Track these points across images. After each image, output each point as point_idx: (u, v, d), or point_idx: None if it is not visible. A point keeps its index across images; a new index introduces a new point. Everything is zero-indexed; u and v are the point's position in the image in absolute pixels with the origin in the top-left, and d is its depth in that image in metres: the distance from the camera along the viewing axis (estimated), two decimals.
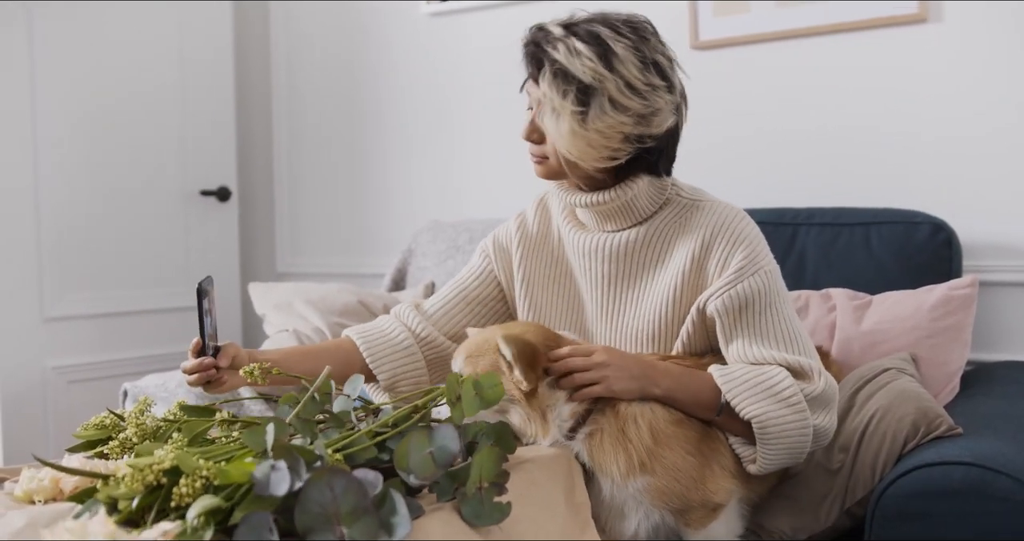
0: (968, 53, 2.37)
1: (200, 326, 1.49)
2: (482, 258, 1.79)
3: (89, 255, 3.14)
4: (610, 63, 1.47)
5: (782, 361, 1.50)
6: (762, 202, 2.54)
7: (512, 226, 1.77)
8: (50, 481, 1.21)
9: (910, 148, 2.45)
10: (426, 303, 1.78)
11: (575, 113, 1.47)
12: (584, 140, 1.49)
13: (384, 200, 3.37)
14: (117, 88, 3.19)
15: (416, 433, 1.14)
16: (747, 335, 1.53)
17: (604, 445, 1.44)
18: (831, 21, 2.51)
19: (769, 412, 1.45)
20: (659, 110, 1.50)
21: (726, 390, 1.47)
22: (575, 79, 1.47)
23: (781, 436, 1.46)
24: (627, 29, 1.51)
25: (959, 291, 2.04)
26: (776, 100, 2.62)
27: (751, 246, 1.54)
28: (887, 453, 1.55)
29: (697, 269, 1.56)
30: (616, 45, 1.48)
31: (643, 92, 1.48)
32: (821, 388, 1.49)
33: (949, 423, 1.56)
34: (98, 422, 1.46)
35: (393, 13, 3.30)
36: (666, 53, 1.55)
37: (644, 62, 1.49)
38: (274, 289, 2.77)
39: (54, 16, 3.00)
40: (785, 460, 1.49)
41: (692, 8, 2.69)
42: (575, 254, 1.67)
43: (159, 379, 2.44)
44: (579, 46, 1.47)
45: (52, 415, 3.04)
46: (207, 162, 3.46)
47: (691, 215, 1.60)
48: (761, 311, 1.52)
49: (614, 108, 1.47)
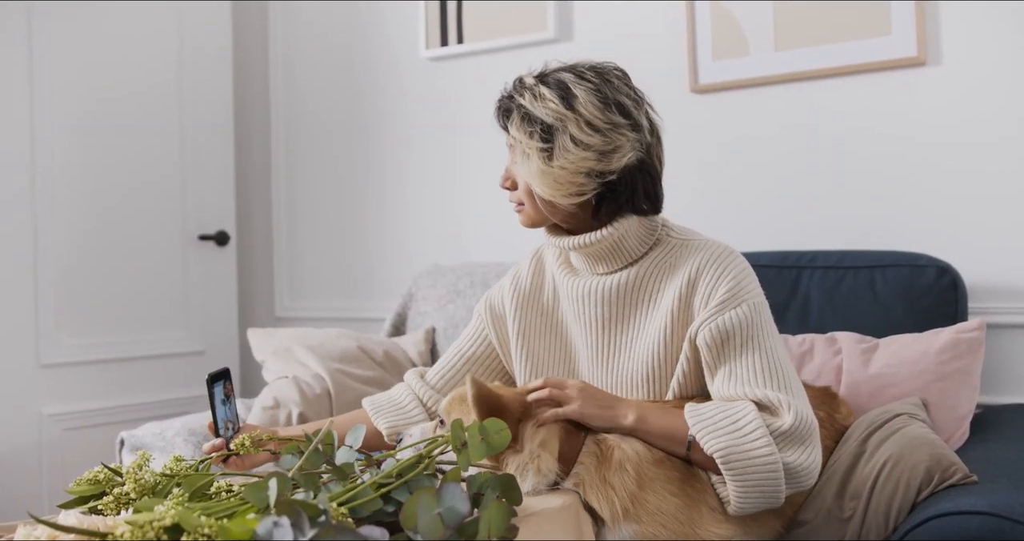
0: (968, 95, 2.38)
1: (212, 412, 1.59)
2: (477, 320, 1.86)
3: (86, 300, 3.12)
4: (571, 104, 1.56)
5: (751, 396, 1.51)
6: (765, 245, 2.53)
7: (506, 283, 1.83)
8: (46, 539, 1.17)
9: (912, 191, 2.44)
10: (429, 372, 1.86)
11: (540, 150, 1.56)
12: (551, 176, 1.56)
13: (384, 244, 3.36)
14: (115, 126, 3.19)
15: (423, 493, 1.11)
16: (726, 369, 1.55)
17: (588, 496, 1.44)
18: (830, 64, 2.51)
19: (731, 446, 1.45)
20: (620, 146, 1.56)
21: (692, 424, 1.48)
22: (539, 120, 1.56)
23: (747, 472, 1.44)
24: (591, 74, 1.60)
25: (967, 334, 2.02)
26: (777, 143, 2.63)
27: (736, 278, 1.58)
28: (901, 500, 1.52)
29: (685, 307, 1.60)
30: (577, 88, 1.57)
31: (604, 130, 1.55)
32: (789, 423, 1.47)
33: (964, 471, 1.54)
34: (91, 477, 1.41)
35: (393, 57, 3.31)
36: (632, 95, 1.62)
37: (605, 102, 1.57)
38: (273, 335, 2.75)
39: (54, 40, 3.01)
40: (758, 499, 1.46)
41: (691, 52, 2.70)
42: (569, 299, 1.70)
43: (156, 428, 2.41)
44: (544, 91, 1.58)
45: (47, 463, 2.99)
46: (205, 206, 3.45)
47: (680, 253, 1.64)
48: (742, 344, 1.54)
49: (576, 145, 1.54)
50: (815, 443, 1.51)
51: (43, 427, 2.99)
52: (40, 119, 2.98)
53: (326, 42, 3.48)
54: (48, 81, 3.00)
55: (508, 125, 1.61)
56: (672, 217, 1.73)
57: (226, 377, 1.64)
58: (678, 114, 2.75)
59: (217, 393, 1.59)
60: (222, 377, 1.63)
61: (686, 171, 2.74)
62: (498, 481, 1.26)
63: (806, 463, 1.48)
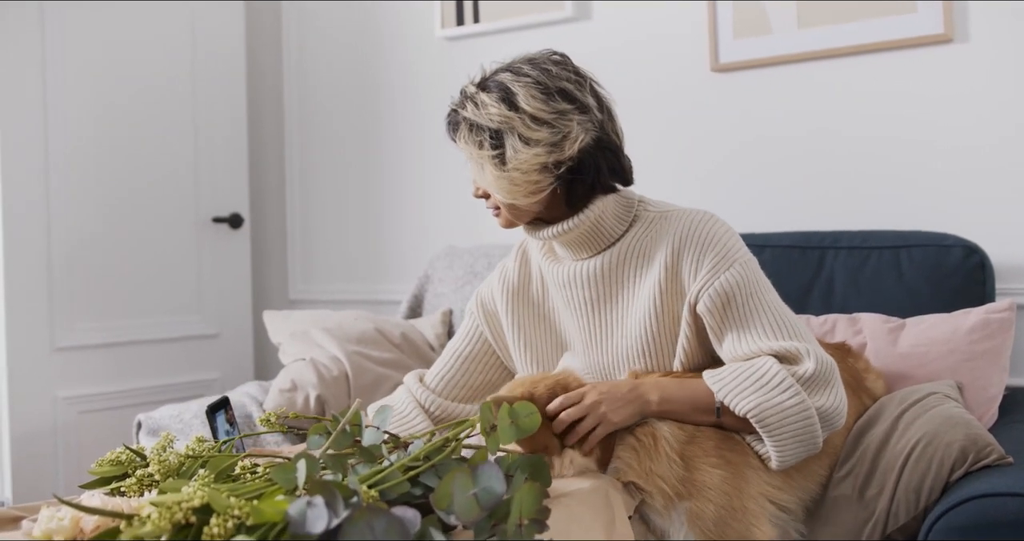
0: (996, 73, 2.33)
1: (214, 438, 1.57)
2: (471, 319, 1.86)
3: (100, 284, 3.10)
4: (513, 104, 1.55)
5: (768, 350, 1.52)
6: (788, 225, 2.50)
7: (494, 280, 1.83)
8: (70, 520, 1.15)
9: (938, 170, 2.40)
10: (427, 375, 1.85)
11: (492, 158, 1.55)
12: (507, 180, 1.56)
13: (399, 225, 3.33)
14: (129, 111, 3.17)
15: (459, 473, 1.09)
16: (735, 330, 1.55)
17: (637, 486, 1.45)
18: (854, 42, 2.47)
19: (762, 403, 1.47)
20: (570, 132, 1.54)
21: (717, 390, 1.50)
22: (485, 128, 1.56)
23: (783, 424, 1.47)
24: (528, 67, 1.59)
25: (997, 314, 1.99)
26: (800, 123, 2.59)
27: (720, 242, 1.58)
28: (933, 479, 1.51)
29: (672, 277, 1.60)
30: (515, 86, 1.55)
31: (550, 120, 1.54)
32: (812, 368, 1.50)
33: (1000, 451, 1.52)
34: (113, 458, 1.40)
35: (408, 37, 3.27)
36: (572, 78, 1.59)
37: (547, 92, 1.55)
38: (289, 317, 2.73)
39: (69, 30, 2.98)
40: (799, 449, 1.49)
41: (712, 30, 2.66)
42: (556, 286, 1.71)
43: (174, 410, 2.40)
44: (484, 98, 1.56)
45: (62, 447, 2.98)
46: (219, 188, 3.43)
47: (660, 226, 1.64)
48: (744, 302, 1.55)
49: (525, 143, 1.54)
50: (838, 382, 1.54)
51: (58, 410, 2.98)
52: (52, 103, 2.95)
53: (340, 21, 3.44)
54: (61, 68, 2.97)
55: (456, 139, 1.61)
56: (690, 197, 1.72)
57: (226, 406, 1.64)
58: (698, 94, 2.72)
59: (220, 423, 1.59)
60: (222, 406, 1.62)
61: (706, 151, 2.70)
62: (527, 463, 1.24)
63: (835, 403, 1.52)
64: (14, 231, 2.87)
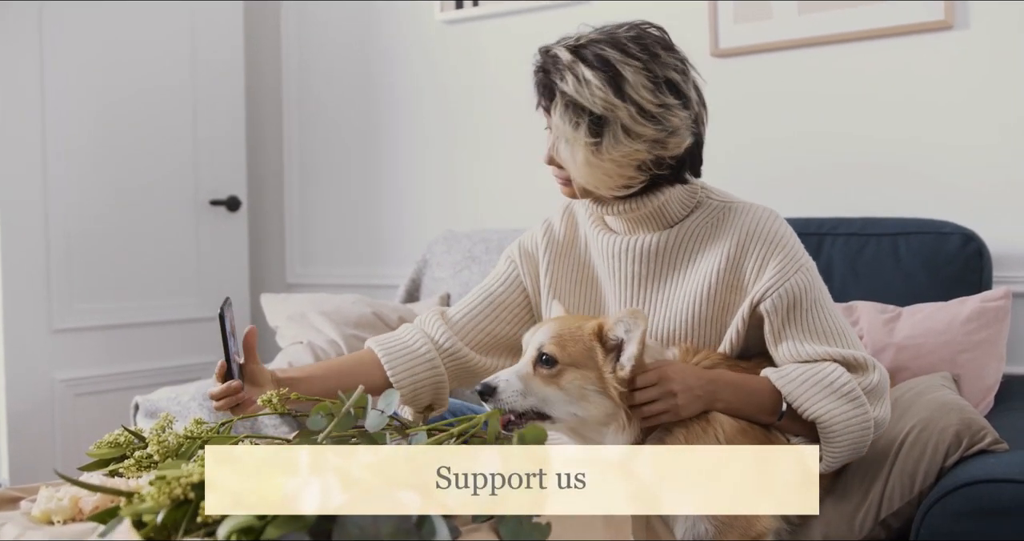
0: (996, 59, 2.33)
1: (225, 350, 1.49)
2: (508, 264, 1.77)
3: (97, 266, 3.09)
4: (621, 90, 1.44)
5: (836, 356, 1.51)
6: (786, 211, 2.46)
7: (539, 232, 1.76)
8: (70, 500, 1.16)
9: (937, 156, 2.40)
10: (450, 311, 1.75)
11: (588, 145, 1.46)
12: (600, 170, 1.48)
13: (396, 210, 3.33)
14: (127, 94, 3.16)
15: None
16: (797, 333, 1.53)
17: None
18: (855, 28, 2.47)
19: (832, 410, 1.47)
20: (676, 130, 1.48)
21: (786, 392, 1.49)
22: (586, 111, 1.45)
23: (846, 433, 1.48)
24: (636, 48, 1.47)
25: (993, 303, 1.99)
26: (799, 108, 2.58)
27: (788, 245, 1.55)
28: (928, 463, 1.51)
29: (732, 268, 1.56)
30: (625, 70, 1.44)
31: (657, 116, 1.46)
32: (876, 380, 1.51)
33: (994, 435, 1.52)
34: (112, 439, 1.39)
35: (407, 20, 3.26)
36: (677, 65, 1.51)
37: (656, 82, 1.46)
38: (287, 300, 2.73)
39: (65, 18, 2.97)
40: (850, 455, 1.51)
41: (712, 14, 2.65)
42: (601, 256, 1.66)
43: (172, 392, 2.40)
44: (588, 75, 1.44)
45: (59, 429, 2.99)
46: (217, 171, 3.42)
47: (723, 217, 1.60)
48: (809, 308, 1.53)
49: (628, 136, 1.45)
50: (888, 395, 1.55)
51: (55, 392, 2.98)
52: (51, 86, 2.94)
53: (340, 3, 3.42)
54: (61, 55, 2.96)
55: (551, 110, 1.49)
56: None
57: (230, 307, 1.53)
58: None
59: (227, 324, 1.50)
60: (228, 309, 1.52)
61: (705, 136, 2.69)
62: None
63: (885, 414, 1.53)
64: (12, 214, 2.86)
